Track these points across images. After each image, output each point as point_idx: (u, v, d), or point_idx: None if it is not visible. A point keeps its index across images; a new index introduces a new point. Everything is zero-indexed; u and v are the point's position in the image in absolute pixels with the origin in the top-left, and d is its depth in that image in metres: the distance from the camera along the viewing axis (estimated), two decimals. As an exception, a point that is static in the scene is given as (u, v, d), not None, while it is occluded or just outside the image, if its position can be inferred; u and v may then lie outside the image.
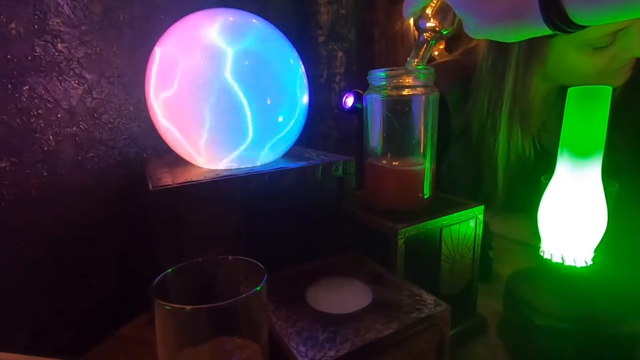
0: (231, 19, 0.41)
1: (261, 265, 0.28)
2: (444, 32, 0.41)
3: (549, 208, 0.42)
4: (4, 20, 0.44)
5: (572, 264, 0.40)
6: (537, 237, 0.45)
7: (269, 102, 0.40)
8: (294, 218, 0.43)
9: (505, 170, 0.71)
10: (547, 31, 0.31)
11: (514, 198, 0.71)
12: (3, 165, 0.45)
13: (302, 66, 0.45)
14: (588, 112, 0.38)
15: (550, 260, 0.42)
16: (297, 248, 0.41)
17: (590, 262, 0.40)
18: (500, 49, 0.68)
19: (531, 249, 0.57)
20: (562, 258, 0.41)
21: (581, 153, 0.39)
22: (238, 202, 0.40)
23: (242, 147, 0.40)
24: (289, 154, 0.48)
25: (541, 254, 0.43)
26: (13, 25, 0.45)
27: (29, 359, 0.36)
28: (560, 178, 0.41)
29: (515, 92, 0.67)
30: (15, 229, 0.47)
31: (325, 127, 0.93)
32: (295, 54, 0.44)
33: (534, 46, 0.64)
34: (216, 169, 0.42)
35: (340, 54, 0.91)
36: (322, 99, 0.91)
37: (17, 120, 0.46)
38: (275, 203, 0.41)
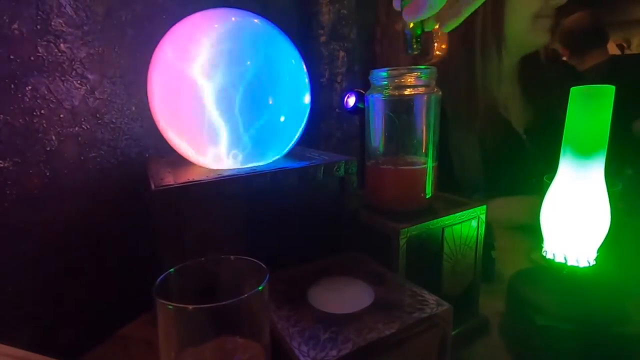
0: (233, 19, 0.41)
1: (263, 265, 0.28)
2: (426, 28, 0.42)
3: (551, 208, 0.42)
4: (7, 20, 0.44)
5: (575, 264, 0.40)
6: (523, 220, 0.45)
7: (270, 102, 0.40)
8: (296, 218, 0.43)
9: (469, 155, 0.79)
10: None
11: (494, 183, 0.77)
12: (6, 165, 0.46)
13: (304, 66, 0.45)
14: (591, 111, 0.37)
15: (553, 260, 0.42)
16: (298, 248, 0.41)
17: (593, 263, 0.40)
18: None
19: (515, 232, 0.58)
20: (565, 258, 0.41)
21: (584, 152, 0.39)
22: (240, 202, 0.40)
23: (244, 147, 0.40)
24: (290, 154, 0.48)
25: (544, 254, 0.43)
26: (16, 26, 0.45)
27: (33, 355, 0.36)
28: (562, 178, 0.41)
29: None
30: (18, 228, 0.47)
31: (327, 127, 0.92)
32: (297, 54, 0.44)
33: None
34: (218, 169, 0.42)
35: (341, 53, 0.91)
36: (324, 99, 0.91)
37: (20, 120, 0.46)
38: (277, 203, 0.41)
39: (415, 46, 0.41)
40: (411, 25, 0.40)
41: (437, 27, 0.42)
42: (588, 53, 1.54)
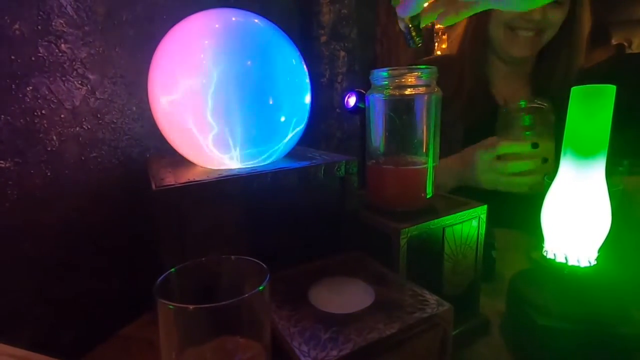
0: (234, 19, 0.41)
1: (264, 265, 0.28)
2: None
3: (552, 208, 0.42)
4: (8, 21, 0.44)
5: (576, 264, 0.40)
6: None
7: (271, 102, 0.40)
8: (297, 218, 0.43)
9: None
10: None
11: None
12: (7, 165, 0.46)
13: (305, 66, 0.45)
14: (592, 112, 0.37)
15: (554, 260, 0.42)
16: (299, 248, 0.41)
17: (594, 262, 0.40)
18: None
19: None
20: (566, 258, 0.41)
21: (585, 153, 0.38)
22: (241, 202, 0.40)
23: (245, 147, 0.40)
24: (291, 154, 0.48)
25: (544, 253, 0.43)
26: (17, 26, 0.45)
27: (34, 355, 0.36)
28: (563, 178, 0.41)
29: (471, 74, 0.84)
30: (19, 228, 0.47)
31: (327, 127, 0.93)
32: (297, 54, 0.44)
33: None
34: (219, 169, 0.42)
35: (342, 53, 0.91)
36: (325, 99, 0.91)
37: (21, 120, 0.46)
38: (278, 203, 0.41)
39: (416, 39, 0.41)
40: (407, 20, 0.40)
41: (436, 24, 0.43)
42: (591, 51, 1.55)
